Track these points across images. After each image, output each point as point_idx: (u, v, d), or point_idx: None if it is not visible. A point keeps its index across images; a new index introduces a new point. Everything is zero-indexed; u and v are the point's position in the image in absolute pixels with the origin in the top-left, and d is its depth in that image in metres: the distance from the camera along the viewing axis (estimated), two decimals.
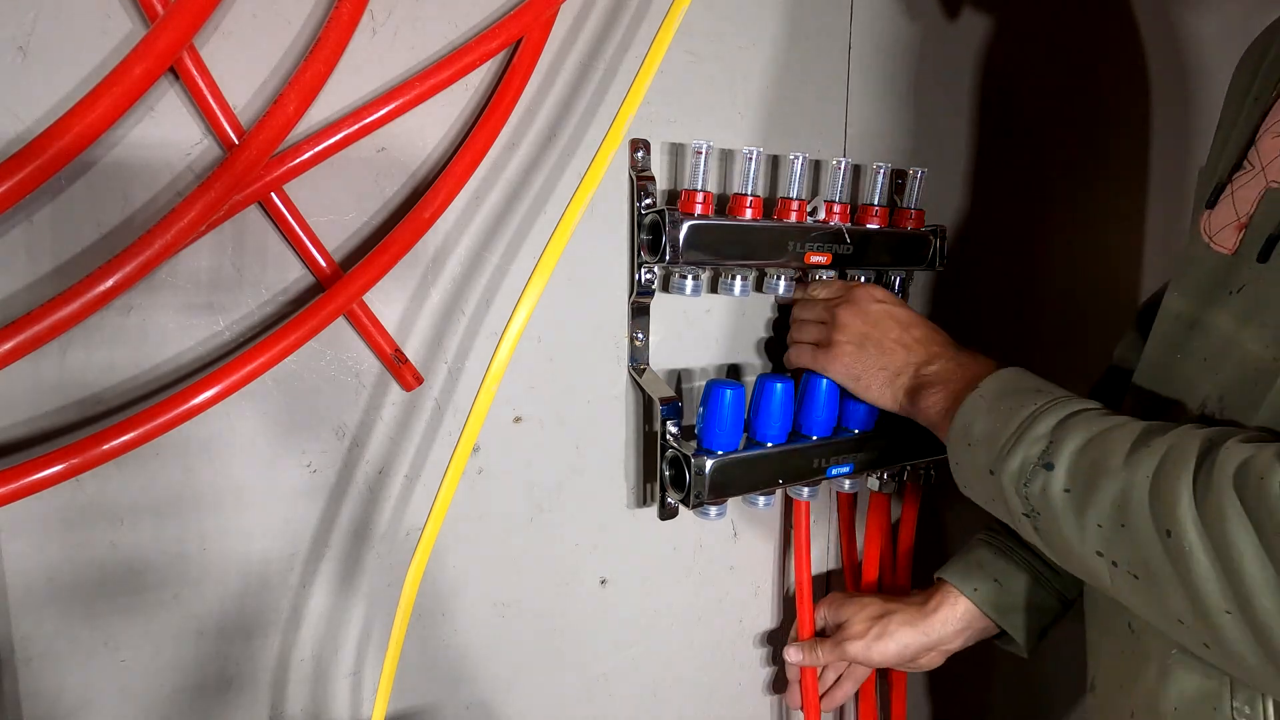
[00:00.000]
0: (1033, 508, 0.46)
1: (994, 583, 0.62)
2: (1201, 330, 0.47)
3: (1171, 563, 0.38)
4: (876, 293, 0.61)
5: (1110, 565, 0.42)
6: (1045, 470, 0.45)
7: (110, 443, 0.41)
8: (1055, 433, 0.46)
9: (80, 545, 0.45)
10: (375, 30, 0.48)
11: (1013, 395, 0.50)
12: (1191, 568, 0.37)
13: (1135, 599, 0.42)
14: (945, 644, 0.63)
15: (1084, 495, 0.43)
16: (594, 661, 0.64)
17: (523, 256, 0.55)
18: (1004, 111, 0.79)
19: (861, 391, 0.60)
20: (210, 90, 0.43)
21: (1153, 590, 0.40)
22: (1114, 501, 0.41)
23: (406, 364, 0.51)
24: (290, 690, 0.52)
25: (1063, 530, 0.44)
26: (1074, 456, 0.44)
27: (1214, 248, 0.47)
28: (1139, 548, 0.40)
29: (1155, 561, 0.39)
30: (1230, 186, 0.47)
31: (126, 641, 0.47)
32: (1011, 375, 0.52)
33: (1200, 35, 0.94)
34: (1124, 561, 0.41)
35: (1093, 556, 0.43)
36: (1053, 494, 0.44)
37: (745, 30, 0.62)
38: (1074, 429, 0.45)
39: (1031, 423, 0.47)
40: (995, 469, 0.48)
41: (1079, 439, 0.44)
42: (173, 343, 0.46)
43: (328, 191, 0.48)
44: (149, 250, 0.40)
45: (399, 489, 0.54)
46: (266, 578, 0.50)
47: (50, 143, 0.37)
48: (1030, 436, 0.46)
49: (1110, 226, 0.92)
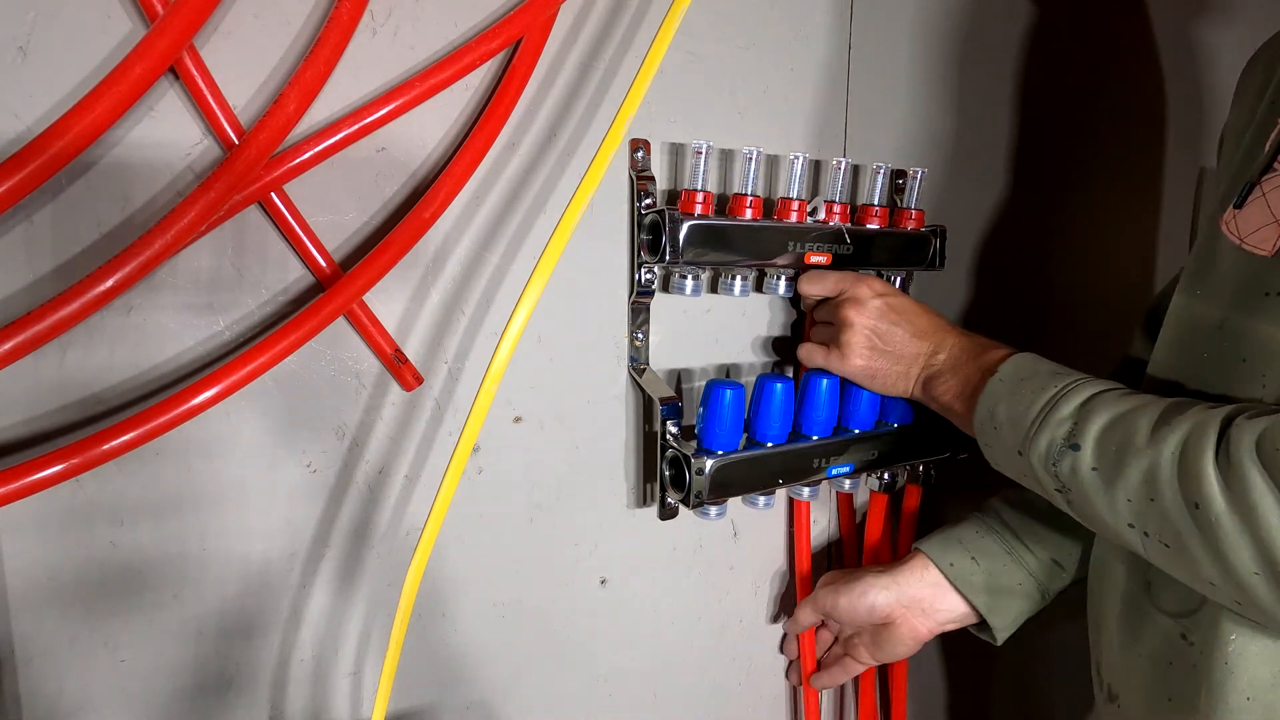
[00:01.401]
0: (1064, 484, 0.49)
1: (971, 560, 0.63)
2: (1233, 333, 0.47)
3: (1201, 532, 0.42)
4: (875, 285, 0.61)
5: (1143, 535, 0.45)
6: (1072, 451, 0.48)
7: (110, 443, 0.41)
8: (1079, 414, 0.48)
9: (80, 545, 0.45)
10: (375, 30, 0.48)
11: (1031, 379, 0.52)
12: (1220, 536, 0.41)
13: (1168, 565, 0.45)
14: (915, 604, 0.64)
15: (1112, 473, 0.46)
16: (594, 661, 0.64)
17: (523, 256, 0.55)
18: (1004, 111, 0.79)
19: (877, 387, 0.61)
20: (210, 90, 0.43)
21: (1184, 557, 0.43)
22: (1142, 478, 0.44)
23: (406, 364, 0.51)
24: (290, 690, 0.52)
25: (1094, 505, 0.47)
26: (1099, 436, 0.47)
27: (1247, 248, 0.46)
28: (1169, 520, 0.43)
29: (1186, 532, 0.42)
30: (1260, 188, 0.47)
31: (127, 641, 0.47)
32: (1027, 360, 0.54)
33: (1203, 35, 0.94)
34: (1155, 532, 0.44)
35: (1125, 528, 0.46)
36: (1081, 473, 0.47)
37: (745, 30, 0.62)
38: (1097, 410, 0.48)
39: (1054, 405, 0.49)
40: (1024, 450, 0.51)
41: (1102, 420, 0.47)
42: (173, 343, 0.46)
43: (328, 191, 0.48)
44: (149, 250, 0.40)
45: (399, 489, 0.54)
46: (266, 578, 0.50)
47: (50, 143, 0.37)
48: (1055, 419, 0.49)
49: (1114, 227, 0.92)
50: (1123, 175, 0.92)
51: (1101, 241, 0.91)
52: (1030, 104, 0.81)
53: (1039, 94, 0.81)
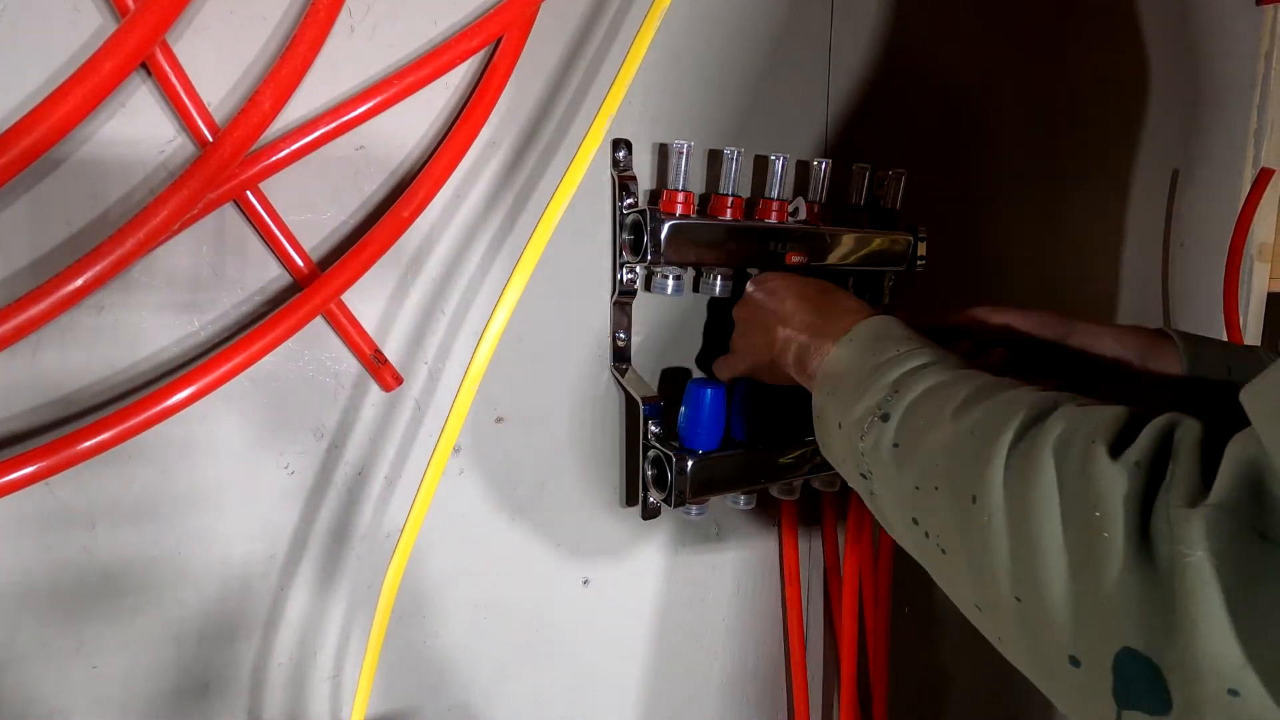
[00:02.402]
0: (867, 466, 0.40)
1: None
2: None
3: (971, 534, 0.33)
4: (761, 277, 0.56)
5: (923, 536, 0.36)
6: (882, 422, 0.39)
7: (84, 444, 0.40)
8: (901, 381, 0.40)
9: (54, 548, 0.44)
10: (353, 28, 0.48)
11: (884, 340, 0.43)
12: (988, 540, 0.32)
13: (943, 580, 0.36)
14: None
15: (908, 451, 0.37)
16: (577, 662, 0.64)
17: (503, 256, 0.55)
18: (984, 112, 0.80)
19: (758, 375, 0.56)
20: (184, 87, 0.43)
21: (954, 568, 0.34)
22: (931, 459, 0.36)
23: (386, 364, 0.51)
24: (268, 694, 0.52)
25: (888, 493, 0.39)
26: (909, 406, 0.38)
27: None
28: (947, 515, 0.34)
29: (958, 533, 0.34)
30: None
31: (102, 646, 0.46)
32: (888, 323, 0.45)
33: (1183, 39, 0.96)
34: (935, 532, 0.35)
35: (909, 526, 0.37)
36: (883, 449, 0.39)
37: (727, 30, 0.62)
38: (923, 378, 0.39)
39: (884, 369, 0.41)
40: (843, 421, 0.42)
41: (921, 387, 0.39)
42: (148, 343, 0.45)
43: (305, 190, 0.48)
44: (120, 249, 0.39)
45: (379, 490, 0.53)
46: (244, 580, 0.50)
47: (18, 138, 0.37)
48: (879, 384, 0.40)
49: (1091, 230, 0.93)
50: (1100, 177, 0.93)
51: (1079, 243, 0.92)
52: (1009, 106, 0.82)
53: (1017, 96, 0.82)
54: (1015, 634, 0.31)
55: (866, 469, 0.40)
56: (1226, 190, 1.08)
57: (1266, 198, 1.04)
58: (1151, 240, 1.00)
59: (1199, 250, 1.05)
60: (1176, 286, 1.03)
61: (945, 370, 0.40)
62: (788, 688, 0.76)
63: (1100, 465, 0.29)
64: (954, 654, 0.78)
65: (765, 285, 0.55)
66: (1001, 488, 0.32)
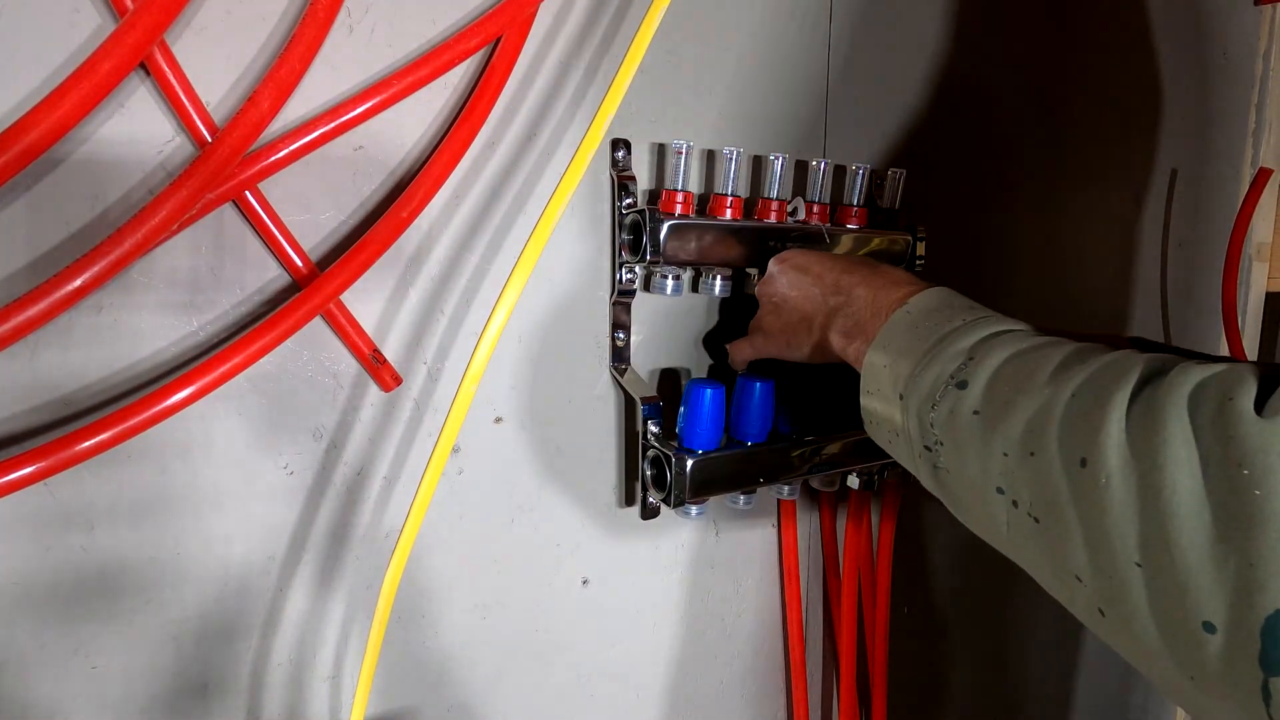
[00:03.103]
0: (936, 438, 0.39)
1: None
2: None
3: (1080, 498, 0.31)
4: (785, 254, 0.55)
5: (1010, 506, 0.35)
6: (957, 390, 0.38)
7: (82, 444, 0.40)
8: (978, 349, 0.39)
9: (52, 549, 0.44)
10: (352, 28, 0.48)
11: (942, 310, 0.42)
12: (1104, 504, 0.30)
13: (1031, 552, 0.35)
14: None
15: (995, 417, 0.36)
16: (576, 662, 0.64)
17: (503, 256, 0.55)
18: (983, 113, 0.80)
19: (794, 353, 0.54)
20: (182, 87, 0.43)
21: (1052, 536, 0.33)
22: (1027, 423, 0.34)
23: (385, 364, 0.51)
24: (268, 695, 0.52)
25: (964, 464, 0.37)
26: (994, 374, 0.37)
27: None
28: (1045, 480, 0.33)
29: (1062, 498, 0.32)
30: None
31: (101, 647, 0.46)
32: (944, 293, 0.44)
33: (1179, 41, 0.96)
34: (1025, 500, 0.34)
35: (993, 495, 0.36)
36: (960, 416, 0.37)
37: (726, 30, 0.62)
38: (1002, 344, 0.38)
39: (953, 337, 0.40)
40: (905, 392, 0.41)
41: (1004, 354, 0.38)
42: (147, 343, 0.45)
43: (304, 190, 0.48)
44: (119, 249, 0.39)
45: (378, 490, 0.53)
46: (243, 581, 0.50)
47: (16, 138, 0.37)
48: (950, 351, 0.39)
49: (1090, 228, 0.93)
50: (1099, 177, 0.93)
51: (1078, 242, 0.92)
52: (1008, 106, 0.82)
53: (1016, 96, 0.82)
54: (1130, 603, 0.30)
55: (934, 440, 0.39)
56: (1225, 190, 1.08)
57: (1265, 197, 1.05)
58: (1150, 239, 1.00)
59: (1198, 250, 1.05)
60: (1175, 286, 1.04)
61: (1027, 337, 0.39)
62: (787, 687, 0.76)
63: (1246, 421, 0.27)
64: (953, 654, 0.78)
65: (794, 260, 0.54)
66: (1121, 448, 0.30)
